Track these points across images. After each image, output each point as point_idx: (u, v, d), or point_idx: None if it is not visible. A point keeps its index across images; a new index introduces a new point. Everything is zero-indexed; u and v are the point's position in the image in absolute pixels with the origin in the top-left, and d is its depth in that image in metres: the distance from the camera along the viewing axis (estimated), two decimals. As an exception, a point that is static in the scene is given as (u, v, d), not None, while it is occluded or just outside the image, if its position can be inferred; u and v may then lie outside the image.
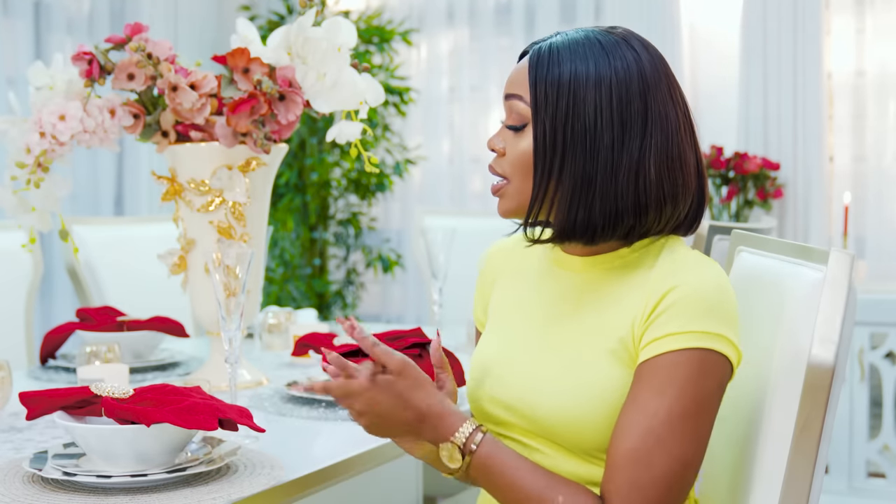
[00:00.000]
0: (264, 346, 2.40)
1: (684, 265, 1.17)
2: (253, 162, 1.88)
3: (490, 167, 1.25)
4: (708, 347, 1.11)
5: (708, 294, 1.13)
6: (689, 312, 1.12)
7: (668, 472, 1.10)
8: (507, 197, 1.23)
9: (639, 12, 4.28)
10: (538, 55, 1.20)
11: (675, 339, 1.12)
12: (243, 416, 1.31)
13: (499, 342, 1.30)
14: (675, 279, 1.15)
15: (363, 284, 4.82)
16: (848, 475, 3.36)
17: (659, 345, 1.13)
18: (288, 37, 1.83)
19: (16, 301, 2.57)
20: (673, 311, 1.13)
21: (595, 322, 1.21)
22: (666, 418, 1.10)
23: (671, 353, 1.12)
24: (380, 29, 4.55)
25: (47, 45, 4.27)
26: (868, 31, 4.00)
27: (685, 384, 1.11)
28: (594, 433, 1.17)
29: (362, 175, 4.59)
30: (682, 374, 1.11)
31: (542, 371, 1.22)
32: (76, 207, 4.33)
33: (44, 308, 4.23)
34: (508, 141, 1.23)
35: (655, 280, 1.17)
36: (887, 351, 3.36)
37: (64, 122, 1.82)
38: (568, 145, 1.17)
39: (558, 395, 1.19)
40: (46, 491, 1.24)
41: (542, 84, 1.18)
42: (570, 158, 1.17)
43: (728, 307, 1.14)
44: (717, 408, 1.14)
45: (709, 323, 1.12)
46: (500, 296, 1.36)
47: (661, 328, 1.13)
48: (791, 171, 4.05)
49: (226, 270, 1.53)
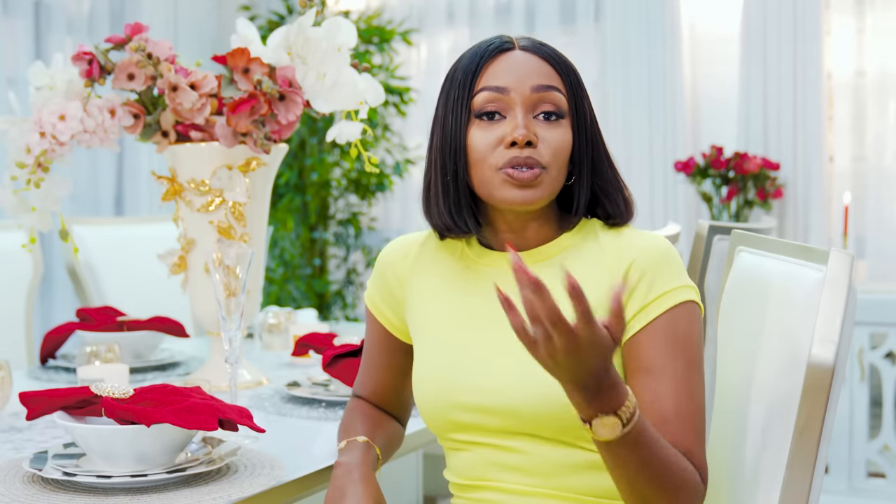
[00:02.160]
0: (264, 346, 2.40)
1: (629, 238, 1.27)
2: (253, 162, 1.88)
3: (527, 159, 1.22)
4: (686, 299, 1.22)
5: (663, 253, 1.24)
6: (662, 273, 1.22)
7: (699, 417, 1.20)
8: (544, 185, 1.24)
9: (638, 12, 4.28)
10: (557, 55, 1.28)
11: (662, 301, 1.21)
12: (243, 417, 1.31)
13: (447, 349, 1.29)
14: (631, 251, 1.25)
15: (363, 284, 4.82)
16: (848, 475, 3.36)
17: (652, 309, 1.21)
18: (288, 37, 1.83)
19: (16, 301, 2.57)
20: (647, 277, 1.22)
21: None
22: (683, 376, 1.19)
23: (664, 314, 1.21)
24: (380, 29, 4.55)
25: (47, 45, 4.27)
26: (868, 31, 4.00)
27: (686, 339, 1.21)
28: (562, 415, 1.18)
29: (362, 175, 4.59)
30: (680, 330, 1.21)
31: (510, 366, 1.22)
32: (76, 207, 4.33)
33: (44, 308, 4.23)
34: (543, 130, 1.24)
35: (611, 256, 1.26)
36: (887, 351, 3.36)
37: (64, 122, 1.82)
38: (598, 138, 1.29)
39: (539, 384, 1.18)
40: (46, 491, 1.24)
41: (573, 75, 1.27)
42: (602, 150, 1.29)
43: (678, 259, 1.25)
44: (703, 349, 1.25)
45: (678, 277, 1.23)
46: (422, 302, 1.35)
47: (646, 295, 1.22)
48: (791, 171, 4.05)
49: (226, 270, 1.53)
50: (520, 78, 1.24)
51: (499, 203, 1.25)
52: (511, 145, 1.23)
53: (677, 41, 4.23)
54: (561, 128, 1.25)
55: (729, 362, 1.39)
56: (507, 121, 1.24)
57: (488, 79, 1.25)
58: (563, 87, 1.25)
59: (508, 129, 1.23)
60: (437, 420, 1.30)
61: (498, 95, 1.24)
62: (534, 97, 1.24)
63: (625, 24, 4.28)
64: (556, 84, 1.25)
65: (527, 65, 1.25)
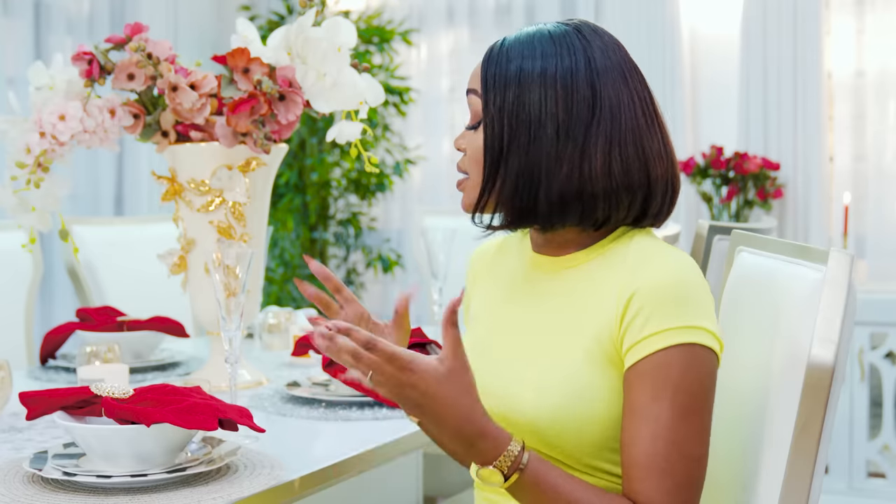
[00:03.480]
0: (264, 346, 2.40)
1: (648, 263, 1.16)
2: (253, 162, 1.88)
3: (457, 165, 1.28)
4: (688, 342, 1.11)
5: (671, 288, 1.13)
6: (661, 311, 1.12)
7: (686, 471, 1.11)
8: (466, 191, 1.26)
9: (638, 13, 4.28)
10: (490, 52, 1.24)
11: (654, 340, 1.11)
12: (243, 416, 1.31)
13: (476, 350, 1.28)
14: (638, 279, 1.14)
15: (363, 284, 4.82)
16: (848, 475, 3.36)
17: (641, 348, 1.12)
18: (288, 37, 1.83)
19: (16, 301, 2.57)
20: (644, 312, 1.12)
21: (567, 320, 1.21)
22: (669, 422, 1.10)
23: (655, 354, 1.11)
24: (380, 29, 4.55)
25: (47, 45, 4.26)
26: (868, 31, 4.00)
27: (678, 383, 1.10)
28: (577, 436, 1.16)
29: (362, 175, 4.59)
30: (672, 374, 1.10)
31: (517, 375, 1.21)
32: (76, 207, 4.33)
33: (44, 308, 4.23)
34: (468, 138, 1.25)
35: (624, 278, 1.16)
36: (887, 351, 3.36)
37: (64, 122, 1.82)
38: (513, 137, 1.19)
39: (534, 399, 1.17)
40: (46, 491, 1.24)
41: (491, 80, 1.21)
42: (515, 149, 1.18)
43: (695, 296, 1.13)
44: (712, 398, 1.14)
45: (683, 317, 1.11)
46: (479, 301, 1.37)
47: (639, 331, 1.12)
48: (791, 171, 4.05)
49: (226, 270, 1.53)
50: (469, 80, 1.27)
51: None
52: None
53: (677, 41, 4.23)
54: (478, 133, 1.24)
55: (729, 362, 1.39)
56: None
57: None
58: (481, 90, 1.22)
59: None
60: None
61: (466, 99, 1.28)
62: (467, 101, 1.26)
63: (625, 24, 4.28)
64: (475, 86, 1.24)
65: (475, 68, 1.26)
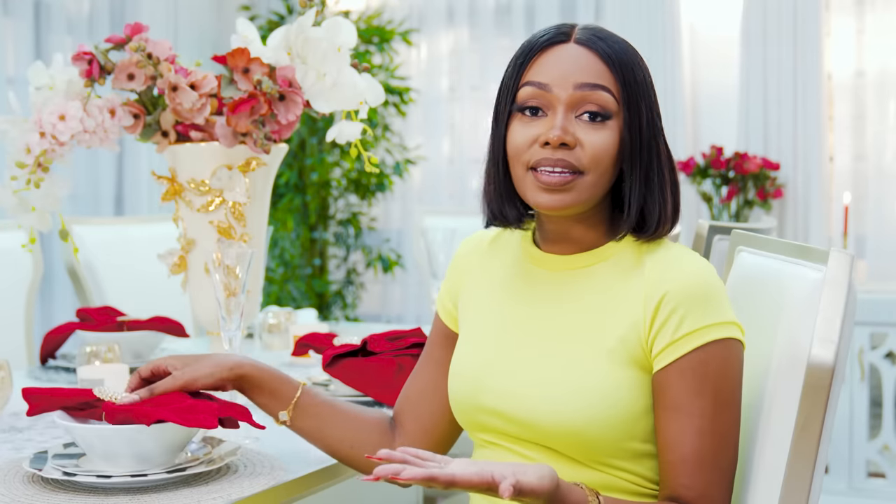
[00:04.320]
0: (264, 346, 2.40)
1: (672, 264, 1.19)
2: (253, 162, 1.88)
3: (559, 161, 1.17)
4: (722, 337, 1.16)
5: (701, 288, 1.17)
6: (695, 310, 1.16)
7: (729, 460, 1.17)
8: (577, 191, 1.18)
9: (638, 13, 4.28)
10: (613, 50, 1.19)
11: (692, 338, 1.15)
12: (243, 415, 1.31)
13: (481, 348, 1.28)
14: (666, 282, 1.17)
15: (363, 284, 4.82)
16: (848, 475, 3.36)
17: (679, 347, 1.16)
18: (288, 37, 1.83)
19: (16, 301, 2.57)
20: (679, 313, 1.16)
21: (588, 321, 1.21)
22: (713, 416, 1.15)
23: (694, 351, 1.15)
24: (380, 29, 4.55)
25: (47, 45, 4.26)
26: (868, 31, 4.00)
27: (718, 378, 1.15)
28: (597, 436, 1.16)
29: (362, 175, 4.59)
30: (712, 370, 1.15)
31: (538, 376, 1.21)
32: (76, 207, 4.33)
33: (44, 308, 4.23)
34: (582, 133, 1.18)
35: (650, 281, 1.18)
36: (887, 351, 3.36)
37: (64, 122, 1.82)
38: (654, 140, 1.21)
39: (557, 400, 1.17)
40: (46, 491, 1.24)
41: (630, 77, 1.19)
42: (655, 153, 1.21)
43: (721, 292, 1.19)
44: (742, 386, 1.19)
45: (715, 314, 1.16)
46: (473, 298, 1.33)
47: (674, 332, 1.16)
48: (791, 171, 4.05)
49: (226, 270, 1.53)
50: (564, 75, 1.18)
51: (531, 204, 1.22)
52: (545, 145, 1.18)
53: (677, 41, 4.23)
54: (606, 129, 1.18)
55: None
56: (547, 118, 1.19)
57: (534, 73, 1.20)
58: (614, 86, 1.18)
59: (545, 128, 1.18)
60: (464, 416, 1.29)
61: (540, 92, 1.19)
62: (577, 95, 1.17)
63: (625, 25, 4.28)
64: (605, 82, 1.18)
65: (576, 61, 1.18)
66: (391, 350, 1.77)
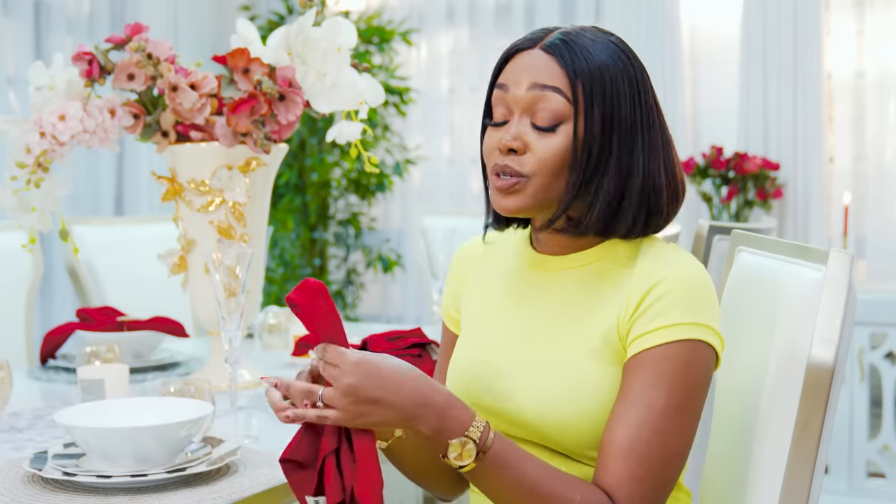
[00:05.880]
0: (264, 346, 2.40)
1: (666, 260, 1.19)
2: (253, 162, 1.88)
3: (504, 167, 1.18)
4: (696, 338, 1.13)
5: (693, 286, 1.15)
6: (677, 305, 1.14)
7: (663, 463, 1.12)
8: (522, 194, 1.18)
9: (638, 12, 4.28)
10: (566, 49, 1.18)
11: (665, 332, 1.13)
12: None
13: (478, 348, 1.29)
14: (659, 273, 1.16)
15: (363, 284, 4.82)
16: (848, 475, 3.36)
17: (649, 338, 1.14)
18: (288, 37, 1.83)
19: (16, 301, 2.57)
20: (660, 304, 1.15)
21: (575, 320, 1.21)
22: (661, 411, 1.12)
23: (662, 345, 1.13)
24: (380, 29, 4.55)
25: (47, 45, 4.26)
26: (868, 31, 4.00)
27: (678, 376, 1.12)
28: (581, 432, 1.17)
29: (362, 175, 4.59)
30: (675, 367, 1.13)
31: (530, 375, 1.22)
32: (76, 207, 4.33)
33: (44, 308, 4.23)
34: (532, 138, 1.18)
35: (639, 275, 1.18)
36: (887, 351, 3.36)
37: (64, 122, 1.82)
38: (613, 141, 1.18)
39: (544, 396, 1.18)
40: (46, 491, 1.24)
41: (583, 78, 1.17)
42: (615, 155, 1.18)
43: (710, 297, 1.17)
44: (705, 397, 1.16)
45: (695, 314, 1.14)
46: (472, 301, 1.34)
47: (650, 322, 1.14)
48: (791, 172, 4.05)
49: (226, 270, 1.53)
50: (519, 77, 1.19)
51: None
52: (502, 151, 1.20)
53: (677, 41, 4.23)
54: (555, 135, 1.17)
55: (729, 362, 1.39)
56: (507, 125, 1.20)
57: (501, 76, 1.22)
58: (568, 89, 1.17)
59: (504, 134, 1.19)
60: None
61: (501, 94, 1.21)
62: (528, 97, 1.18)
63: (625, 25, 4.28)
64: (558, 85, 1.17)
65: (533, 63, 1.18)
66: (391, 350, 1.77)
